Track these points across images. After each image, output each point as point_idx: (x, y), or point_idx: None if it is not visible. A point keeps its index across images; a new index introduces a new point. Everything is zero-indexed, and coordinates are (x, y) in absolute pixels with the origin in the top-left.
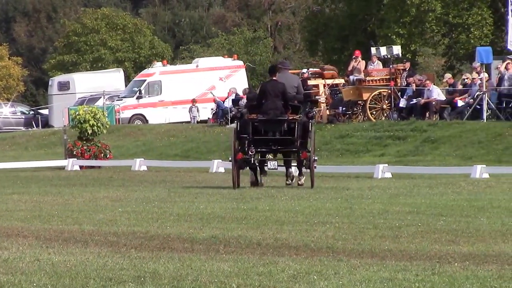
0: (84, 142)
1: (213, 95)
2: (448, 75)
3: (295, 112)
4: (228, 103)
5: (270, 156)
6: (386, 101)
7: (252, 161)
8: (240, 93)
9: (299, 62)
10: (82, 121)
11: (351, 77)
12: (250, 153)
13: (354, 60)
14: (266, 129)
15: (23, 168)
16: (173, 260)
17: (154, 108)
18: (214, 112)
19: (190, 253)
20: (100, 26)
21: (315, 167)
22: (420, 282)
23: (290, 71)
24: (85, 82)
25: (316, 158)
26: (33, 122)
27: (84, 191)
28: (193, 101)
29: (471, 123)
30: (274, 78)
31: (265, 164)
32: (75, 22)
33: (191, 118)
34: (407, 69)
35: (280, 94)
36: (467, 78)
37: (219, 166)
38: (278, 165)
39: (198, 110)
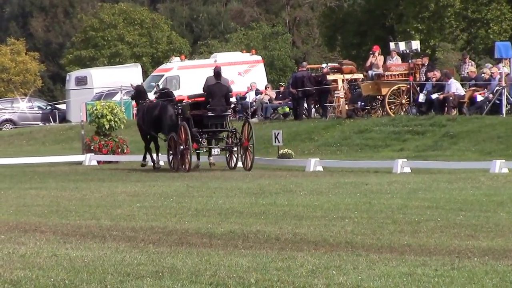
0: (102, 137)
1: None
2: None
3: None
4: (248, 98)
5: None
6: (405, 96)
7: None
8: (262, 88)
9: (317, 57)
10: (99, 116)
11: (370, 72)
12: (202, 143)
13: (372, 55)
14: (213, 122)
15: (41, 163)
16: (192, 255)
17: None
18: (234, 106)
19: (209, 248)
20: (118, 21)
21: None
22: (439, 277)
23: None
24: (102, 77)
25: (252, 144)
26: (50, 117)
27: (102, 186)
28: None
29: (490, 118)
30: (219, 81)
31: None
32: (92, 17)
33: None
34: (426, 64)
35: (224, 94)
36: (485, 73)
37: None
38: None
39: None
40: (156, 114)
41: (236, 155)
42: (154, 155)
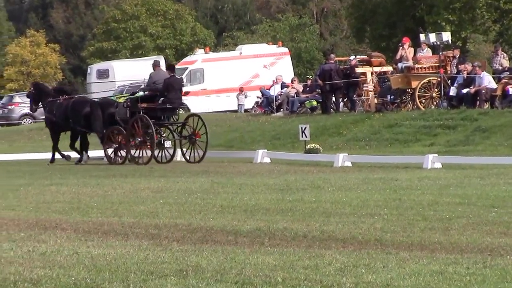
0: None
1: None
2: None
3: None
4: (273, 92)
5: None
6: (436, 89)
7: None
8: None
9: (346, 49)
10: None
11: (400, 65)
12: (162, 135)
13: (401, 47)
14: (167, 115)
15: (61, 158)
16: (217, 253)
17: (196, 97)
18: (261, 100)
19: (234, 246)
20: (140, 12)
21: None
22: (471, 276)
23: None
24: (124, 70)
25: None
26: None
27: (124, 182)
28: (241, 89)
29: None
30: (173, 74)
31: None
32: (114, 8)
33: (238, 106)
34: (457, 56)
35: (180, 87)
36: None
37: (264, 156)
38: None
39: (246, 97)
40: (87, 111)
41: (172, 149)
42: (66, 152)
